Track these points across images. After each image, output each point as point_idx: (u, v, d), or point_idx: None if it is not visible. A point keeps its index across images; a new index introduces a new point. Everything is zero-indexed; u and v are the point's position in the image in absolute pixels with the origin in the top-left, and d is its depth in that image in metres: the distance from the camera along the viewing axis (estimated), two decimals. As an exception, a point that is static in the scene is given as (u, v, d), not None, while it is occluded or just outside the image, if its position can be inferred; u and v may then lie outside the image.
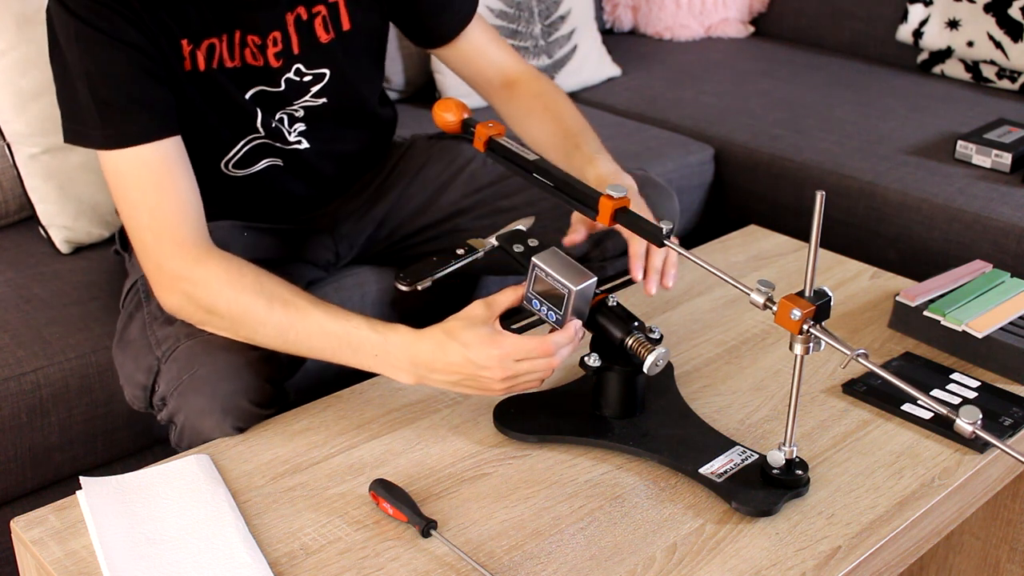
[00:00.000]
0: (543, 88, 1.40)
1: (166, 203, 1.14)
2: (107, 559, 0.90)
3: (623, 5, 2.78)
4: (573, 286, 1.03)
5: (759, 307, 0.94)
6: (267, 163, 1.34)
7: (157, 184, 1.14)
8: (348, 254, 1.52)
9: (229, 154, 1.30)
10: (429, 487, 1.02)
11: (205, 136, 1.27)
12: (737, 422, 1.13)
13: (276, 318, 1.10)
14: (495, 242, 1.14)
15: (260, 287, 1.11)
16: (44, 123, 1.56)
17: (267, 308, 1.10)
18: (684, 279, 1.42)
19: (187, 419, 1.14)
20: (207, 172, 1.30)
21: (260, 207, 1.41)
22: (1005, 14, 2.28)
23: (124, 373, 1.23)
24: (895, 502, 1.01)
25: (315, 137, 1.35)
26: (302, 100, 1.31)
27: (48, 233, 1.61)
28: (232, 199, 1.37)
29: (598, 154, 1.28)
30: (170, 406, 1.16)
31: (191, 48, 1.20)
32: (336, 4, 1.29)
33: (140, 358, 1.20)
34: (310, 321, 1.09)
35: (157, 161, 1.14)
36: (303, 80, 1.29)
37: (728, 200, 2.14)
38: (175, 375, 1.15)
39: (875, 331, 1.31)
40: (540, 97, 1.39)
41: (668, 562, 0.93)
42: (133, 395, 1.22)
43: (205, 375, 1.13)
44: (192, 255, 1.13)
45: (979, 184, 1.88)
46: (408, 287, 1.12)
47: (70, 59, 1.14)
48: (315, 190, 1.44)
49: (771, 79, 2.44)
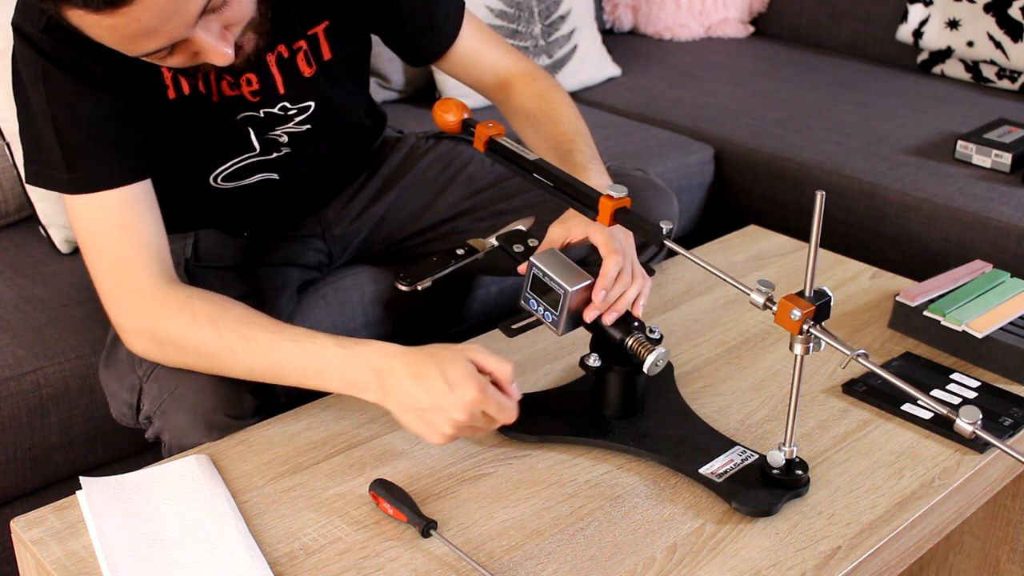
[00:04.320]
0: (539, 89, 1.35)
1: (129, 249, 1.11)
2: (107, 559, 0.91)
3: (623, 5, 2.78)
4: (569, 287, 1.03)
5: (759, 307, 0.94)
6: (260, 177, 1.32)
7: (120, 228, 1.11)
8: (342, 256, 1.51)
9: (218, 169, 1.28)
10: (429, 487, 1.02)
11: (195, 153, 1.25)
12: (737, 422, 1.13)
13: (243, 353, 1.06)
14: (495, 242, 1.15)
15: (216, 323, 1.07)
16: (44, 123, 1.56)
17: (230, 347, 1.07)
18: (684, 279, 1.42)
19: (172, 437, 1.14)
20: (194, 186, 1.28)
21: (248, 218, 1.40)
22: (1005, 14, 2.28)
23: (110, 391, 1.22)
24: (895, 502, 1.01)
25: (301, 152, 1.33)
26: (285, 127, 1.28)
27: (48, 233, 1.61)
28: (219, 211, 1.36)
29: (591, 163, 1.22)
30: (155, 424, 1.16)
31: (172, 74, 1.16)
32: (316, 36, 1.25)
33: (124, 377, 1.19)
34: (274, 351, 1.06)
35: (121, 205, 1.11)
36: (288, 113, 1.27)
37: (728, 200, 2.14)
38: (156, 394, 1.14)
39: (875, 331, 1.31)
40: (535, 100, 1.33)
41: (668, 562, 0.93)
42: (120, 412, 1.21)
43: (184, 392, 1.12)
44: (152, 302, 1.10)
45: (979, 184, 1.88)
46: (408, 287, 1.12)
47: (35, 99, 1.10)
48: (304, 200, 1.43)
49: (771, 79, 2.44)
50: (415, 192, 1.50)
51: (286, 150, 1.31)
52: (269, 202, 1.38)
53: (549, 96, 1.34)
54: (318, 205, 1.46)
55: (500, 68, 1.38)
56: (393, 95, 2.27)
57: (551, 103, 1.33)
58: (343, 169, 1.46)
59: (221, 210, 1.36)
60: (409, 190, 1.50)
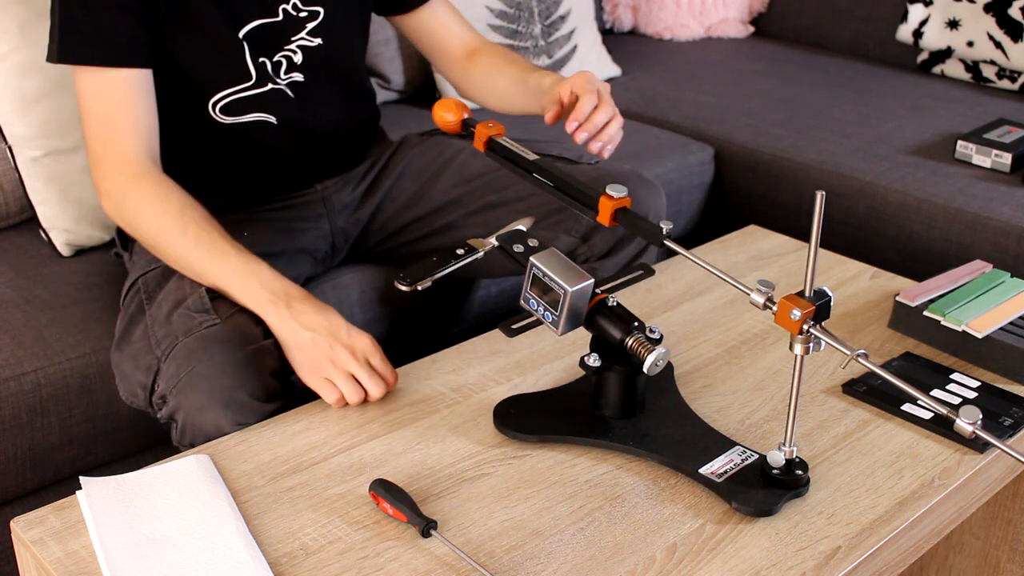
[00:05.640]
0: (500, 50, 1.50)
1: (121, 119, 1.25)
2: (107, 559, 0.91)
3: (623, 5, 2.78)
4: (569, 287, 1.03)
5: (759, 307, 0.94)
6: (256, 116, 1.37)
7: (116, 103, 1.25)
8: (344, 247, 1.53)
9: (217, 96, 1.34)
10: (429, 487, 1.02)
11: (193, 79, 1.32)
12: (737, 422, 1.13)
13: (187, 242, 1.20)
14: (495, 242, 1.14)
15: (181, 213, 1.22)
16: (46, 126, 1.56)
17: (181, 232, 1.21)
18: (684, 279, 1.42)
19: (188, 416, 1.14)
20: (194, 120, 1.35)
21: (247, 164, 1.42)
22: (1005, 14, 2.28)
23: (122, 372, 1.23)
24: (895, 502, 1.01)
25: (305, 89, 1.39)
26: (299, 37, 1.35)
27: (49, 236, 1.61)
28: (218, 152, 1.40)
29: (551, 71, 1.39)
30: (170, 404, 1.16)
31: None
32: None
33: (140, 358, 1.20)
34: (217, 244, 1.20)
35: (118, 84, 1.24)
36: (299, 15, 1.34)
37: (728, 200, 2.14)
38: (174, 372, 1.15)
39: (875, 331, 1.31)
40: (501, 54, 1.48)
41: (668, 562, 0.93)
42: (132, 394, 1.22)
43: (203, 371, 1.14)
44: (131, 171, 1.24)
45: (979, 184, 1.88)
46: (408, 287, 1.12)
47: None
48: (301, 151, 1.45)
49: (771, 79, 2.44)
50: (408, 181, 1.52)
51: (290, 85, 1.37)
52: (267, 155, 1.41)
53: (510, 54, 1.49)
54: (318, 166, 1.48)
55: (468, 39, 1.52)
56: (393, 95, 2.27)
57: (515, 56, 1.49)
58: (341, 134, 1.49)
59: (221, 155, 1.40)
60: (403, 179, 1.53)
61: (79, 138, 1.57)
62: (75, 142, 1.58)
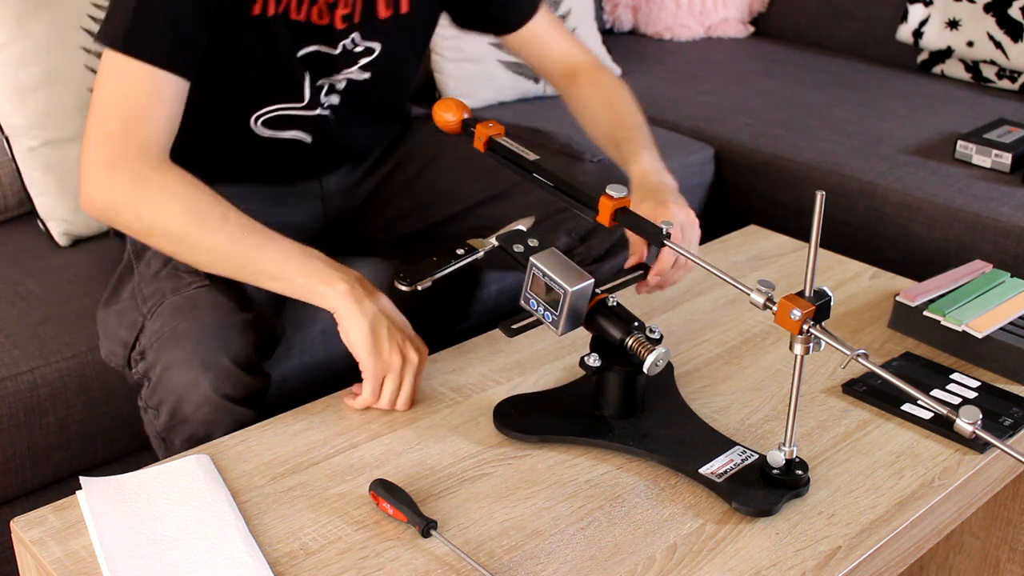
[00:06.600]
0: (603, 80, 1.44)
1: (154, 112, 1.15)
2: (107, 559, 0.90)
3: (623, 5, 2.78)
4: (569, 287, 1.03)
5: (759, 307, 0.94)
6: (294, 134, 1.36)
7: (155, 98, 1.15)
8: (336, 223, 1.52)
9: (264, 109, 1.31)
10: (429, 487, 1.02)
11: (247, 88, 1.29)
12: (737, 422, 1.13)
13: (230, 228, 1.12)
14: (495, 242, 1.14)
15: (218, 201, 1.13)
16: (42, 116, 1.57)
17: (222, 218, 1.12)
18: (684, 279, 1.42)
19: (163, 372, 1.13)
20: (229, 125, 1.32)
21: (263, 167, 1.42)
22: (1005, 14, 2.28)
23: (105, 329, 1.22)
24: (895, 502, 1.01)
25: (343, 111, 1.37)
26: (350, 71, 1.33)
27: (47, 227, 1.61)
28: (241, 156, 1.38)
29: (645, 149, 1.31)
30: (148, 359, 1.15)
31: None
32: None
33: (125, 315, 1.19)
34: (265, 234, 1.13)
35: (164, 85, 1.16)
36: (355, 50, 1.32)
37: (728, 200, 2.14)
38: (157, 328, 1.14)
39: (875, 331, 1.31)
40: (599, 88, 1.43)
41: (668, 562, 0.93)
42: (111, 352, 1.21)
43: (188, 329, 1.12)
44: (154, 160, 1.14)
45: (979, 184, 1.88)
46: (408, 287, 1.12)
47: None
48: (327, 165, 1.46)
49: (771, 79, 2.44)
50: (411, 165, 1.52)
51: (330, 108, 1.35)
52: (289, 164, 1.41)
53: (612, 87, 1.44)
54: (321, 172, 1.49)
55: (568, 58, 1.47)
56: (393, 95, 2.26)
57: (612, 93, 1.43)
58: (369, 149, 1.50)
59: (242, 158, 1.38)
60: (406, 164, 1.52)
61: (76, 128, 1.57)
62: (72, 132, 1.59)
